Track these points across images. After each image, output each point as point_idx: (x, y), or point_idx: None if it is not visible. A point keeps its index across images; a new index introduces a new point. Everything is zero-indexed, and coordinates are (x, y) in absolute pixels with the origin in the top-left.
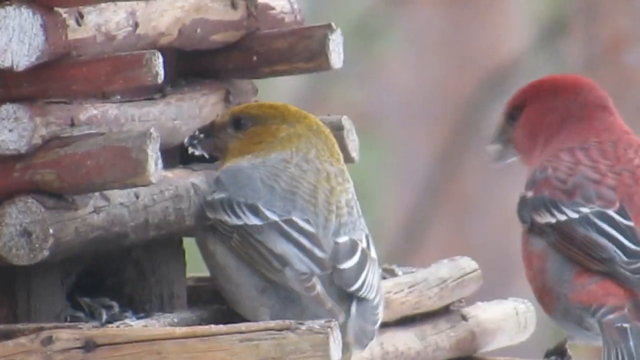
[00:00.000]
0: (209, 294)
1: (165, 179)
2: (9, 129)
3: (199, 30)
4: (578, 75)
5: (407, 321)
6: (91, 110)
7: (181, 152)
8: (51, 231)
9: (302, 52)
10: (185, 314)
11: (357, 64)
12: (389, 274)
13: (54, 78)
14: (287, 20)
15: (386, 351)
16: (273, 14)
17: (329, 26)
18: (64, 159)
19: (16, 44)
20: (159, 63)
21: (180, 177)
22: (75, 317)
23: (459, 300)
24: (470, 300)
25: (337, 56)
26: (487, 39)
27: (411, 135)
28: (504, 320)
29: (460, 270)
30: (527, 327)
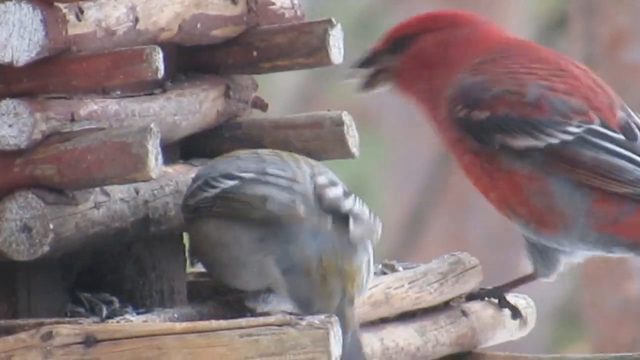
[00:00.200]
0: (209, 290)
1: (166, 174)
2: (9, 124)
3: (199, 26)
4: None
5: (407, 317)
6: (91, 106)
7: (181, 148)
8: (51, 226)
9: (302, 47)
10: (185, 310)
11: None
12: (389, 269)
13: (54, 73)
14: (287, 15)
15: (386, 347)
16: (273, 9)
17: (329, 21)
18: (64, 154)
19: (16, 39)
20: (159, 58)
21: (180, 172)
22: (75, 313)
23: (459, 296)
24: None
25: (337, 52)
26: None
27: (411, 131)
28: (504, 315)
29: (461, 266)
30: (527, 322)
